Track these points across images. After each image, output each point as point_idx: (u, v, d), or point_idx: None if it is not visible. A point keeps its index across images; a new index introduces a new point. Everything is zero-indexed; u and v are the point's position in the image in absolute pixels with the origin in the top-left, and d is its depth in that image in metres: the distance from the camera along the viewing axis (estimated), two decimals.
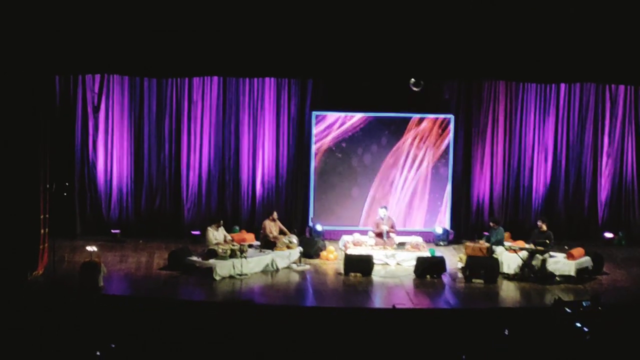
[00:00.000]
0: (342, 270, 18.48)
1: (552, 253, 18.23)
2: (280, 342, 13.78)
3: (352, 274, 18.31)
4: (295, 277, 18.33)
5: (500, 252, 18.50)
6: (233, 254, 18.00)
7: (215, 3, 16.51)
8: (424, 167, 21.34)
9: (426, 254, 19.06)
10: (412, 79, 18.74)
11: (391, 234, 19.48)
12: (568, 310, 13.99)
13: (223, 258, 17.91)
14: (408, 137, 21.28)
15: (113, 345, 12.57)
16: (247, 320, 14.40)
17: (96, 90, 20.66)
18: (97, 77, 20.53)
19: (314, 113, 21.22)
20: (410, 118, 21.26)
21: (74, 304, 14.90)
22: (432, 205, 21.44)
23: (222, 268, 17.74)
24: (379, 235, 19.45)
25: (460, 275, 18.34)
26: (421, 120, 21.26)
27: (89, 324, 13.86)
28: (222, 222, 18.92)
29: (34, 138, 17.20)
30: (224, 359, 13.01)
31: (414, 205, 21.42)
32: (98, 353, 12.13)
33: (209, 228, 18.74)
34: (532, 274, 17.96)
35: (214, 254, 17.99)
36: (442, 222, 21.42)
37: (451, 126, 21.31)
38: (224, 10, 16.54)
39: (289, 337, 13.91)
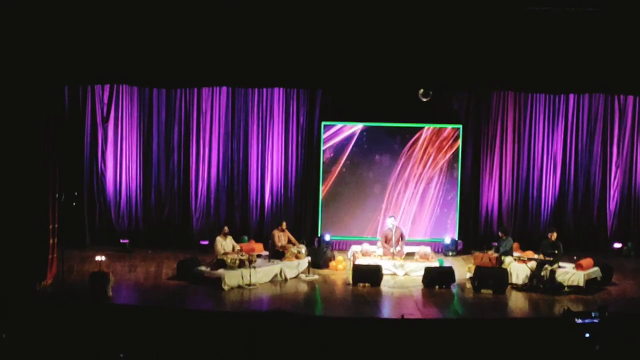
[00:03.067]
0: (350, 281, 18.46)
1: (561, 263, 18.19)
2: (288, 352, 13.78)
3: (361, 284, 18.29)
4: (304, 287, 18.31)
5: (509, 262, 18.45)
6: (242, 264, 18.01)
7: (224, 14, 16.56)
8: (433, 177, 21.31)
9: (435, 264, 19.03)
10: (421, 90, 18.73)
11: (400, 244, 19.44)
12: (577, 320, 13.97)
13: (232, 268, 17.92)
14: (417, 148, 21.27)
15: (122, 355, 12.61)
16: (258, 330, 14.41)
17: (105, 100, 20.73)
18: (107, 87, 20.59)
19: (323, 123, 21.23)
20: (419, 128, 21.26)
21: (82, 314, 14.92)
22: (441, 216, 21.41)
23: (231, 278, 17.73)
24: (388, 245, 19.41)
25: (468, 285, 18.30)
26: (430, 130, 21.25)
27: (97, 334, 13.88)
28: (226, 228, 18.91)
29: (43, 148, 17.24)
30: None
31: (423, 215, 21.40)
32: None
33: (217, 238, 18.73)
34: (540, 285, 17.92)
35: (222, 264, 18.01)
36: (451, 232, 21.40)
37: (460, 136, 21.31)
38: (232, 20, 16.59)
39: (298, 347, 13.90)
